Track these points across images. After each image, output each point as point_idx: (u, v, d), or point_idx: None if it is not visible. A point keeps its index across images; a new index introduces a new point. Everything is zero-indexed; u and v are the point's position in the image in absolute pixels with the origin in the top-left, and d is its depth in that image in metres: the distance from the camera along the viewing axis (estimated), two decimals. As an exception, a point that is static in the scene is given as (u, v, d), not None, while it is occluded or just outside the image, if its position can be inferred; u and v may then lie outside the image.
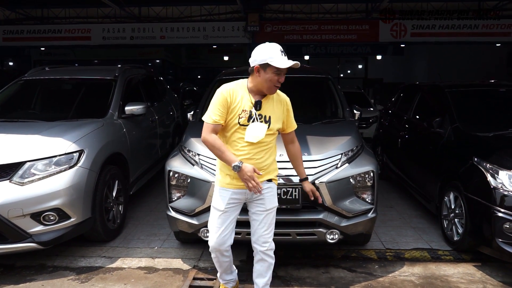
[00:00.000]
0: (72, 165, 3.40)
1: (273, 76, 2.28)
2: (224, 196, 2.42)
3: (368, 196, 3.28)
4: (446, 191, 3.81)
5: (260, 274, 2.60)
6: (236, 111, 2.33)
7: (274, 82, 2.29)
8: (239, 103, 2.33)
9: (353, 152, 3.33)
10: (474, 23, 9.13)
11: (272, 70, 2.28)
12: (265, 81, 2.29)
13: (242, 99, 2.34)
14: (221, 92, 2.34)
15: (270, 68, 2.27)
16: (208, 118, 2.33)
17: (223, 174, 2.44)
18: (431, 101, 4.88)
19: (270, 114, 2.39)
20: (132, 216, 4.53)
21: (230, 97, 2.32)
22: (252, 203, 2.49)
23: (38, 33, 9.64)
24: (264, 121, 2.36)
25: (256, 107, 2.34)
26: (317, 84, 4.64)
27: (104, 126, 4.03)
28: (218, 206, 2.44)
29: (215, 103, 2.33)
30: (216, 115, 2.31)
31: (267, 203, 2.47)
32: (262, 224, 2.49)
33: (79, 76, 4.97)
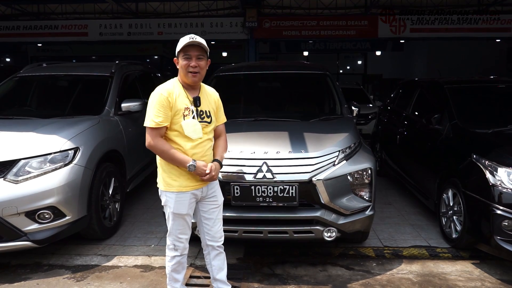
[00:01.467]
0: (68, 163, 3.37)
1: (184, 62, 2.28)
2: (184, 200, 2.38)
3: (366, 194, 3.25)
4: (445, 188, 3.78)
5: (220, 268, 2.63)
6: (179, 110, 2.30)
7: (186, 68, 2.28)
8: (179, 101, 2.31)
9: (351, 149, 3.30)
10: (474, 18, 9.05)
11: (181, 56, 2.29)
12: (181, 70, 2.31)
13: (179, 96, 2.32)
14: (160, 93, 2.29)
15: (180, 54, 2.30)
16: (151, 122, 2.27)
17: (175, 176, 2.36)
18: (430, 97, 4.85)
19: (209, 109, 2.42)
20: (129, 214, 4.50)
21: (170, 96, 2.29)
22: (205, 200, 2.49)
23: (34, 29, 9.55)
24: (206, 116, 2.39)
25: (195, 103, 2.35)
26: (314, 80, 4.60)
27: (100, 123, 4.00)
28: (181, 210, 2.39)
29: (155, 105, 2.27)
30: (159, 117, 2.25)
31: (219, 198, 2.53)
32: (217, 220, 2.54)
33: (75, 72, 4.92)
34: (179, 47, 2.30)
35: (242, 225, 3.10)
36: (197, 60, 2.30)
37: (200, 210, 2.51)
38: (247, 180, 3.01)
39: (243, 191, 3.02)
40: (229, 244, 2.58)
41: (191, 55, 2.28)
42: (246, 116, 3.94)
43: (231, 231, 3.04)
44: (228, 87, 4.53)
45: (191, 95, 2.35)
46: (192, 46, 2.29)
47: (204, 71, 2.36)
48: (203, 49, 2.32)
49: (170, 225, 2.46)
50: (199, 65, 2.30)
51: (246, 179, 3.01)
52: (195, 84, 2.37)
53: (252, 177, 3.00)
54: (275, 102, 4.38)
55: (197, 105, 2.34)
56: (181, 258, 2.53)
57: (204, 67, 2.35)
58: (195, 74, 2.31)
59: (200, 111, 2.36)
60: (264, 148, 3.14)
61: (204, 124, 2.38)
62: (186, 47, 2.28)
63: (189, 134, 2.31)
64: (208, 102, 2.43)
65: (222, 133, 2.59)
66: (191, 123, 2.31)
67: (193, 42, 2.27)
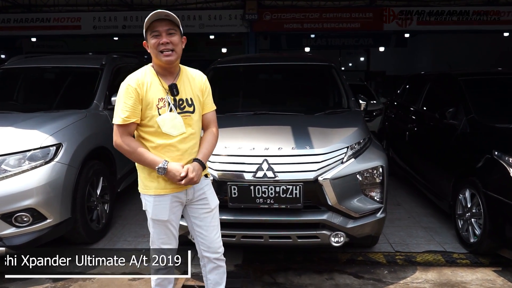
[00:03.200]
0: (49, 160, 3.08)
1: (153, 41, 1.92)
2: (164, 204, 2.02)
3: (377, 194, 2.96)
4: (461, 188, 3.48)
5: (217, 283, 2.25)
6: (151, 102, 1.94)
7: (157, 47, 1.91)
8: (151, 91, 1.94)
9: (360, 145, 3.00)
10: (484, 10, 8.71)
11: (149, 35, 1.94)
12: (153, 52, 1.95)
13: (151, 85, 1.95)
14: (127, 83, 1.93)
15: (147, 34, 1.95)
16: (117, 119, 1.93)
17: (152, 178, 2.00)
18: (442, 91, 4.53)
19: (191, 96, 2.04)
20: (120, 215, 4.21)
21: (140, 87, 1.92)
22: (193, 204, 2.12)
23: (26, 22, 9.21)
24: (187, 105, 2.01)
25: (172, 92, 1.97)
26: (319, 72, 4.29)
27: (87, 117, 3.70)
28: (160, 216, 2.03)
29: (121, 98, 1.93)
30: (125, 111, 1.90)
31: (211, 201, 2.14)
32: (211, 228, 2.15)
33: (63, 64, 4.62)
34: (145, 26, 1.94)
35: (240, 229, 2.81)
36: (168, 36, 1.91)
37: (190, 215, 2.15)
38: (246, 179, 2.72)
39: (241, 192, 2.72)
40: (226, 250, 2.27)
41: (160, 31, 1.91)
42: (245, 109, 3.64)
43: (228, 236, 2.75)
44: (227, 80, 4.25)
45: (167, 82, 1.99)
46: (159, 20, 1.92)
47: (179, 49, 1.96)
48: (173, 23, 1.94)
49: (152, 233, 2.12)
50: (172, 41, 1.91)
51: (245, 178, 2.72)
52: (171, 66, 1.97)
53: (252, 176, 2.70)
54: (276, 96, 4.07)
55: (174, 93, 1.97)
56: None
57: (179, 44, 1.96)
58: (169, 53, 1.91)
59: (179, 101, 1.98)
60: (264, 144, 2.84)
61: (185, 116, 1.99)
62: (153, 23, 1.92)
63: (168, 131, 1.95)
64: (189, 87, 2.04)
65: (211, 124, 2.15)
66: (169, 118, 1.94)
67: (159, 15, 1.90)
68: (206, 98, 2.12)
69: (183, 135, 1.99)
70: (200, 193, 2.10)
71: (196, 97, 2.06)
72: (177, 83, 2.00)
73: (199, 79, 2.11)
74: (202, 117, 2.12)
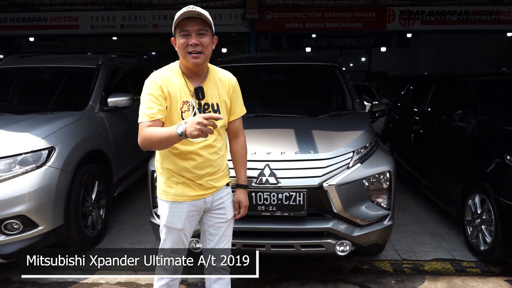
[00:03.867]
0: (40, 165, 2.94)
1: (181, 40, 1.77)
2: (180, 212, 1.90)
3: (384, 201, 2.82)
4: (471, 193, 3.35)
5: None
6: (176, 104, 1.80)
7: (185, 48, 1.77)
8: (176, 92, 1.81)
9: (367, 149, 2.86)
10: (488, 9, 8.57)
11: (178, 33, 1.79)
12: (180, 52, 1.81)
13: (177, 86, 1.82)
14: (152, 80, 1.81)
15: (176, 31, 1.80)
16: (142, 117, 1.77)
17: (171, 183, 1.89)
18: (449, 92, 4.40)
19: (217, 101, 1.88)
20: (116, 220, 4.08)
21: (165, 85, 1.79)
22: (210, 213, 1.99)
23: (22, 21, 9.06)
24: (212, 111, 1.86)
25: (197, 95, 1.82)
26: (322, 72, 4.16)
27: (82, 119, 3.56)
28: (175, 224, 1.91)
29: (146, 95, 1.79)
30: (150, 108, 1.76)
31: (228, 211, 2.01)
32: (223, 237, 2.02)
33: (59, 64, 4.49)
34: (174, 23, 1.79)
35: (241, 237, 2.65)
36: (198, 37, 1.76)
37: (205, 222, 2.02)
38: (247, 185, 2.57)
39: (242, 199, 2.57)
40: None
41: (190, 31, 1.76)
42: (246, 111, 3.49)
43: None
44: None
45: (194, 84, 1.84)
46: (190, 19, 1.76)
47: (208, 51, 1.82)
48: (205, 22, 1.79)
49: (162, 239, 1.99)
50: (201, 43, 1.77)
51: (246, 185, 2.57)
52: (198, 68, 1.83)
53: (253, 182, 2.56)
54: (278, 97, 3.93)
55: (199, 97, 1.82)
56: (171, 281, 2.04)
57: (209, 45, 1.81)
58: (197, 55, 1.77)
59: (204, 105, 1.84)
60: (266, 148, 2.71)
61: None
62: (183, 21, 1.76)
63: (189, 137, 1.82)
64: (217, 91, 1.88)
65: (239, 131, 2.02)
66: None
67: (191, 13, 1.74)
68: (235, 104, 1.96)
69: (205, 142, 1.85)
70: (219, 202, 1.98)
71: (223, 102, 1.90)
72: (203, 86, 1.84)
73: (227, 82, 1.94)
74: (229, 124, 1.98)
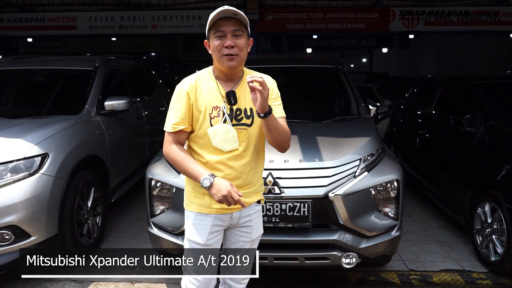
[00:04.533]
0: (33, 172, 2.82)
1: (216, 42, 1.67)
2: (204, 225, 1.77)
3: (392, 210, 2.71)
4: (480, 201, 3.23)
5: None
6: (204, 110, 1.70)
7: (220, 50, 1.66)
8: (206, 97, 1.71)
9: (373, 156, 2.75)
10: (493, 9, 8.46)
11: (212, 35, 1.69)
12: (214, 55, 1.70)
13: (208, 91, 1.72)
14: (181, 87, 1.73)
15: (211, 33, 1.70)
16: (167, 126, 1.74)
17: (198, 193, 1.78)
18: (456, 95, 4.28)
19: (252, 106, 1.72)
20: (114, 227, 3.95)
21: (193, 91, 1.71)
22: (235, 230, 1.85)
23: (20, 22, 8.93)
24: (245, 117, 1.72)
25: (229, 100, 1.69)
26: (326, 75, 4.04)
27: (77, 124, 3.44)
28: (196, 238, 1.78)
29: (173, 103, 1.73)
30: (174, 117, 1.71)
31: (255, 231, 1.86)
32: (245, 257, 1.87)
33: (54, 66, 4.36)
34: (209, 23, 1.69)
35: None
36: (233, 38, 1.66)
37: (227, 239, 1.89)
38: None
39: (243, 209, 2.46)
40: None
41: (225, 32, 1.65)
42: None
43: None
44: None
45: (227, 89, 1.72)
46: (225, 19, 1.65)
47: (244, 53, 1.70)
48: (241, 23, 1.67)
49: (185, 255, 1.85)
50: (237, 44, 1.66)
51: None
52: (233, 72, 1.72)
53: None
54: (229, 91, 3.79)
55: (231, 102, 1.69)
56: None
57: (244, 48, 1.69)
58: (232, 57, 1.66)
59: (236, 110, 1.71)
60: (269, 156, 2.56)
61: (241, 129, 1.71)
62: (218, 22, 1.66)
63: (218, 145, 1.69)
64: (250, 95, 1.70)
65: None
66: (221, 130, 1.68)
67: (227, 12, 1.63)
68: (272, 104, 1.73)
69: (235, 152, 1.71)
70: (246, 220, 1.82)
71: None
72: (236, 90, 1.72)
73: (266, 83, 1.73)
74: None
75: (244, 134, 1.72)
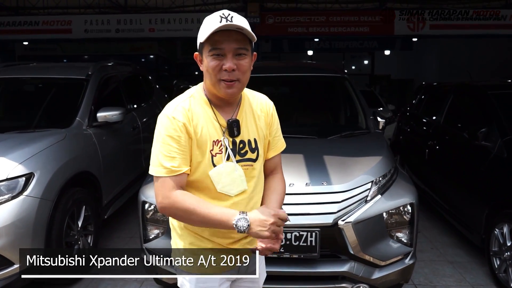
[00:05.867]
0: (16, 194, 2.63)
1: (212, 62, 1.28)
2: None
3: (405, 236, 2.51)
4: (498, 221, 3.01)
5: None
6: (205, 146, 1.33)
7: (216, 74, 1.28)
8: (204, 129, 1.33)
9: (386, 178, 2.53)
10: (502, 13, 8.25)
11: (207, 51, 1.29)
12: (208, 76, 1.32)
13: (203, 120, 1.34)
14: (172, 116, 1.31)
15: (205, 47, 1.30)
16: (159, 169, 1.29)
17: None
18: (469, 105, 4.06)
19: (255, 136, 1.41)
20: (107, 245, 3.74)
21: (190, 122, 1.31)
22: (240, 282, 1.53)
23: (13, 25, 8.71)
24: (249, 150, 1.38)
25: (231, 132, 1.34)
26: (331, 85, 3.82)
27: (67, 139, 3.22)
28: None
29: (165, 137, 1.30)
30: (171, 158, 1.28)
31: (261, 277, 1.56)
32: None
33: (44, 75, 4.14)
34: (203, 35, 1.28)
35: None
36: (235, 59, 1.28)
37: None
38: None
39: (245, 238, 2.24)
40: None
41: (225, 50, 1.27)
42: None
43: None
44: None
45: (225, 116, 1.37)
46: (226, 32, 1.26)
47: (246, 77, 1.33)
48: (245, 38, 1.29)
49: None
50: (239, 67, 1.28)
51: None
52: (232, 98, 1.36)
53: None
54: (283, 113, 3.58)
55: (233, 134, 1.35)
56: None
57: (248, 70, 1.32)
58: (231, 84, 1.29)
59: (239, 143, 1.36)
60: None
61: (246, 166, 1.37)
62: (216, 35, 1.26)
63: (224, 190, 1.34)
64: (254, 124, 1.41)
65: (277, 168, 1.51)
66: (226, 170, 1.33)
67: (229, 26, 1.24)
68: (274, 136, 1.47)
69: (243, 195, 1.38)
70: (253, 269, 1.42)
71: (261, 137, 1.42)
72: (238, 118, 1.37)
73: (265, 109, 1.45)
74: (267, 161, 1.49)
75: (250, 172, 1.38)
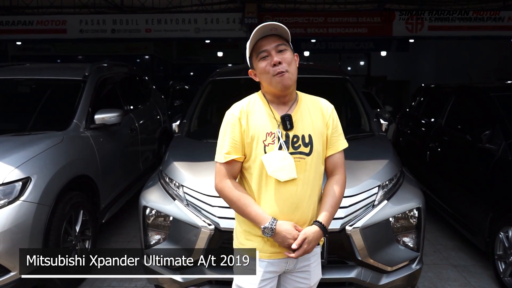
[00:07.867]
0: (13, 199, 2.55)
1: (262, 64, 1.52)
2: (256, 271, 1.56)
3: (412, 240, 2.47)
4: (503, 226, 2.99)
5: None
6: (257, 137, 1.52)
7: (268, 70, 1.51)
8: (258, 122, 1.54)
9: (393, 182, 2.49)
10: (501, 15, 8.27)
11: (256, 59, 1.55)
12: (263, 79, 1.55)
13: (260, 115, 1.55)
14: (231, 112, 1.57)
15: (253, 57, 1.57)
16: (218, 156, 1.57)
17: (250, 235, 1.57)
18: (471, 107, 4.03)
19: (311, 132, 1.55)
20: (105, 251, 3.65)
21: (244, 117, 1.54)
22: (291, 275, 1.62)
23: (6, 24, 8.56)
24: (302, 144, 1.53)
25: (284, 125, 1.52)
26: (332, 87, 3.76)
27: (64, 142, 3.14)
28: (247, 285, 1.57)
29: (222, 131, 1.58)
30: (227, 146, 1.54)
31: (313, 276, 1.63)
32: None
33: (40, 76, 4.05)
34: (249, 48, 1.55)
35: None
36: (278, 53, 1.51)
37: (282, 284, 1.66)
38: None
39: (250, 244, 2.19)
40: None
41: (268, 50, 1.51)
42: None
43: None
44: (226, 95, 3.71)
45: (280, 113, 1.55)
46: (265, 38, 1.52)
47: (293, 69, 1.53)
48: (281, 38, 1.54)
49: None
50: (283, 59, 1.50)
51: (255, 228, 2.19)
52: (288, 91, 1.54)
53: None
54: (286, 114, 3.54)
55: (286, 127, 1.52)
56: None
57: (292, 62, 1.53)
58: (283, 74, 1.49)
59: (293, 137, 1.52)
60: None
61: (298, 158, 1.52)
62: (258, 43, 1.53)
63: (274, 174, 1.49)
64: (309, 121, 1.57)
65: (337, 168, 1.63)
66: (277, 157, 1.49)
67: (265, 30, 1.51)
68: (332, 135, 1.61)
69: (293, 185, 1.52)
70: (304, 265, 1.60)
71: (318, 134, 1.56)
72: (292, 114, 1.54)
73: (324, 109, 1.63)
74: (326, 160, 1.62)
75: (302, 164, 1.52)
